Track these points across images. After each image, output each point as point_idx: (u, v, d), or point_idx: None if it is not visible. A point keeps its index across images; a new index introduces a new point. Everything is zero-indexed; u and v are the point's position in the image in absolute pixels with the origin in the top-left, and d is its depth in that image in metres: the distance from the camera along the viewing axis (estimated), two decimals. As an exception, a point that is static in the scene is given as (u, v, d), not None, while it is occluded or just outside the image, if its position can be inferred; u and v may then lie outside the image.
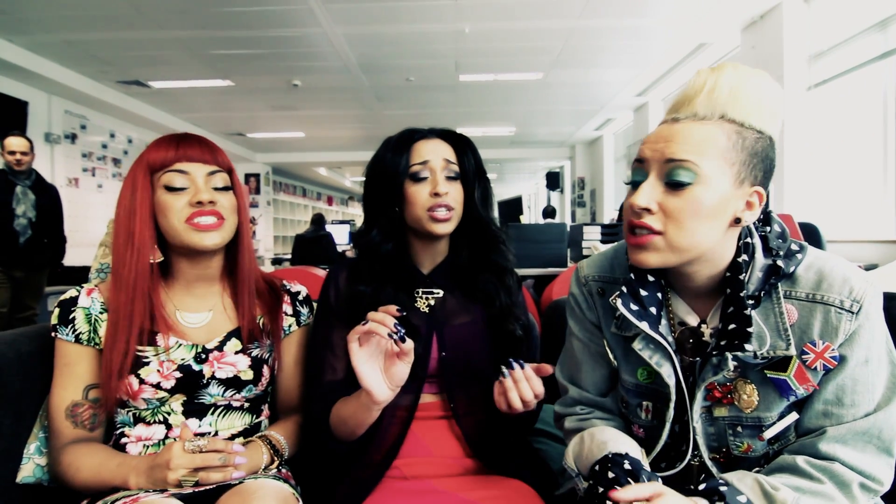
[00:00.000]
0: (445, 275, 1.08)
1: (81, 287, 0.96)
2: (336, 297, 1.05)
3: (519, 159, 11.56)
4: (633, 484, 0.68)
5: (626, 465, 0.72)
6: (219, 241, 0.94)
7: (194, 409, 0.95)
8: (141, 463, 0.85)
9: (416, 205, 1.00)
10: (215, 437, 0.92)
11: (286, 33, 4.65)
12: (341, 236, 8.04)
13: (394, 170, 1.02)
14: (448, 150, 1.04)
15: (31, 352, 0.98)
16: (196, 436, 0.91)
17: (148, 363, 0.92)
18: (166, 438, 0.94)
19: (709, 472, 0.80)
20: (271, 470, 0.94)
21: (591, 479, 0.74)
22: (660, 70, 5.84)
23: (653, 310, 0.79)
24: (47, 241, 3.73)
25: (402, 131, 1.06)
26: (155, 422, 0.94)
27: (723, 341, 0.75)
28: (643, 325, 0.78)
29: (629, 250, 0.77)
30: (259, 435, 0.98)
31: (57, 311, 0.94)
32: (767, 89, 0.74)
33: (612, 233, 3.45)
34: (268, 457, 0.94)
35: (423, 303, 1.05)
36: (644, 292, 0.80)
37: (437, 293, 1.06)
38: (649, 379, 0.83)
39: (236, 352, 0.98)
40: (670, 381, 0.79)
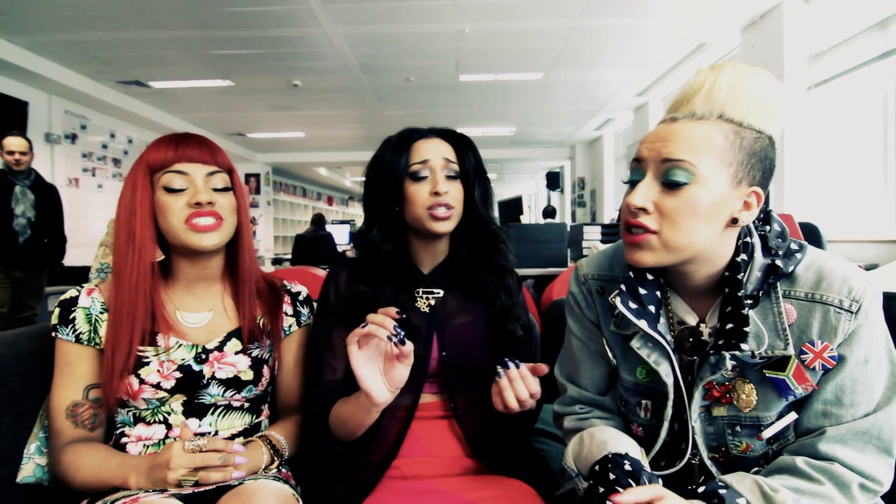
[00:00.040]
0: (446, 274, 1.08)
1: (82, 287, 0.96)
2: (336, 297, 1.05)
3: (519, 159, 11.56)
4: (634, 486, 0.68)
5: (626, 465, 0.71)
6: (217, 242, 0.94)
7: (194, 409, 0.95)
8: (141, 463, 0.85)
9: (416, 204, 1.00)
10: (215, 437, 0.92)
11: (286, 33, 4.65)
12: (341, 236, 8.04)
13: (394, 169, 1.01)
14: (448, 150, 1.04)
15: (32, 352, 0.98)
16: (196, 435, 0.91)
17: (148, 363, 0.92)
18: (166, 438, 0.94)
19: (708, 471, 0.80)
20: (271, 470, 0.94)
21: (591, 480, 0.74)
22: (660, 70, 5.84)
23: (651, 308, 0.79)
24: (47, 241, 3.72)
25: (402, 131, 1.06)
26: (155, 422, 0.94)
27: (720, 341, 0.74)
28: (641, 324, 0.78)
29: (625, 249, 0.77)
30: (259, 435, 0.98)
31: (57, 310, 0.94)
32: (768, 88, 0.73)
33: (613, 233, 3.46)
34: (268, 457, 0.94)
35: (424, 303, 1.05)
36: (643, 290, 0.80)
37: (438, 293, 1.06)
38: (648, 377, 0.83)
39: (236, 352, 0.98)
40: (668, 379, 0.79)
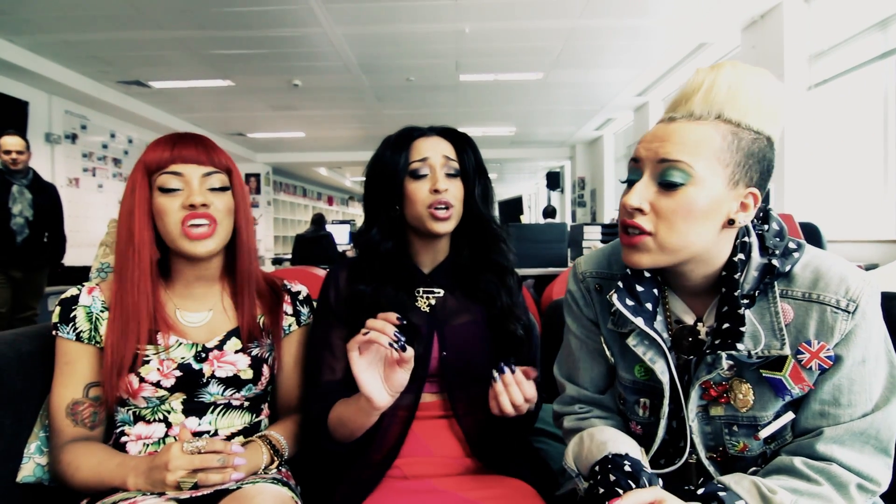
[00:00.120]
0: (446, 274, 1.07)
1: (82, 286, 0.97)
2: (336, 296, 1.05)
3: (519, 159, 11.56)
4: (634, 488, 0.68)
5: (626, 466, 0.71)
6: (212, 249, 0.94)
7: (194, 408, 0.95)
8: (140, 464, 0.85)
9: (416, 202, 1.00)
10: (214, 438, 0.91)
11: (286, 33, 4.65)
12: (341, 236, 8.04)
13: (393, 167, 1.01)
14: (448, 148, 1.04)
15: (32, 352, 0.98)
16: (194, 435, 0.91)
17: (148, 361, 0.92)
18: (166, 437, 0.94)
19: (706, 471, 0.80)
20: (271, 470, 0.94)
21: (591, 480, 0.74)
22: (660, 70, 5.84)
23: (648, 306, 0.79)
24: (47, 240, 3.72)
25: (402, 129, 1.06)
26: (155, 420, 0.94)
27: (717, 340, 0.74)
28: (638, 321, 0.78)
29: (622, 250, 0.77)
30: (259, 435, 0.98)
31: (58, 309, 0.94)
32: (767, 88, 0.73)
33: (613, 233, 3.47)
34: (268, 457, 0.94)
35: (424, 302, 1.05)
36: (640, 288, 0.80)
37: (438, 293, 1.06)
38: (646, 376, 0.83)
39: (236, 351, 0.98)
40: (664, 377, 0.79)
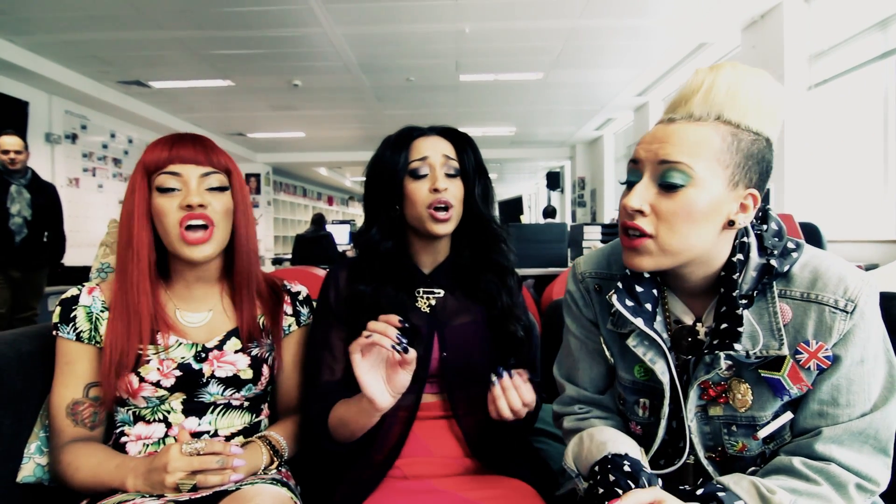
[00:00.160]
0: (447, 274, 1.07)
1: (82, 286, 0.97)
2: (336, 297, 1.05)
3: (519, 159, 11.56)
4: (633, 489, 0.68)
5: (626, 466, 0.71)
6: (209, 253, 0.94)
7: (194, 408, 0.95)
8: (139, 465, 0.85)
9: (416, 202, 1.00)
10: (213, 439, 0.91)
11: (286, 33, 4.65)
12: (341, 236, 8.05)
13: (393, 167, 1.01)
14: (448, 147, 1.04)
15: (32, 352, 0.98)
16: (193, 436, 0.91)
17: (148, 361, 0.92)
18: (166, 437, 0.94)
19: (705, 471, 0.80)
20: (271, 470, 0.94)
21: (590, 480, 0.74)
22: (660, 70, 5.84)
23: (648, 306, 0.79)
24: (46, 240, 3.72)
25: (402, 129, 1.06)
26: (155, 420, 0.94)
27: (715, 340, 0.75)
28: (638, 322, 0.78)
29: (623, 253, 0.77)
30: (259, 435, 0.98)
31: (58, 309, 0.94)
32: (767, 89, 0.73)
33: (613, 233, 3.47)
34: (267, 457, 0.94)
35: (424, 302, 1.05)
36: (640, 288, 0.80)
37: (438, 293, 1.06)
38: (646, 376, 0.83)
39: (236, 351, 0.98)
40: (664, 377, 0.79)
